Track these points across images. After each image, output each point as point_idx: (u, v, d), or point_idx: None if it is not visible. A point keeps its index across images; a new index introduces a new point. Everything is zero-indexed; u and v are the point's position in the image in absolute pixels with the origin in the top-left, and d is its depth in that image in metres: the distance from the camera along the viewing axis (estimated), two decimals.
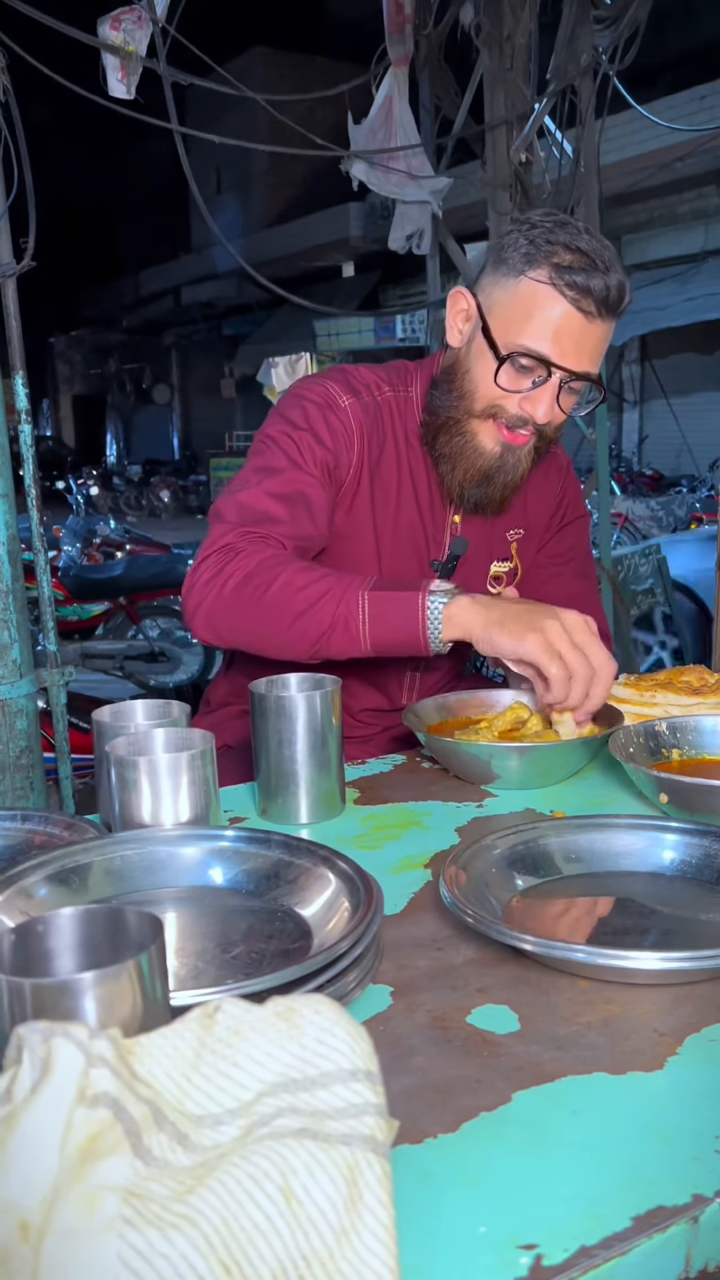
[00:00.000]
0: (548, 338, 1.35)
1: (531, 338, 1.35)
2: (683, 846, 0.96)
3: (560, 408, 1.39)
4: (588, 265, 1.33)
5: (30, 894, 0.85)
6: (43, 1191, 0.45)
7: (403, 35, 3.46)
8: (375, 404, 1.50)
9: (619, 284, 1.35)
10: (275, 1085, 0.53)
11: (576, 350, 1.35)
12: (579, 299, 1.33)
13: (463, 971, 0.81)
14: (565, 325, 1.34)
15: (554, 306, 1.34)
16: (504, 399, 1.39)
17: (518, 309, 1.36)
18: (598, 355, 1.39)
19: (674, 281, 13.37)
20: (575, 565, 1.69)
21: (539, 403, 1.37)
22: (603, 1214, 0.55)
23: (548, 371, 1.36)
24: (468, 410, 1.42)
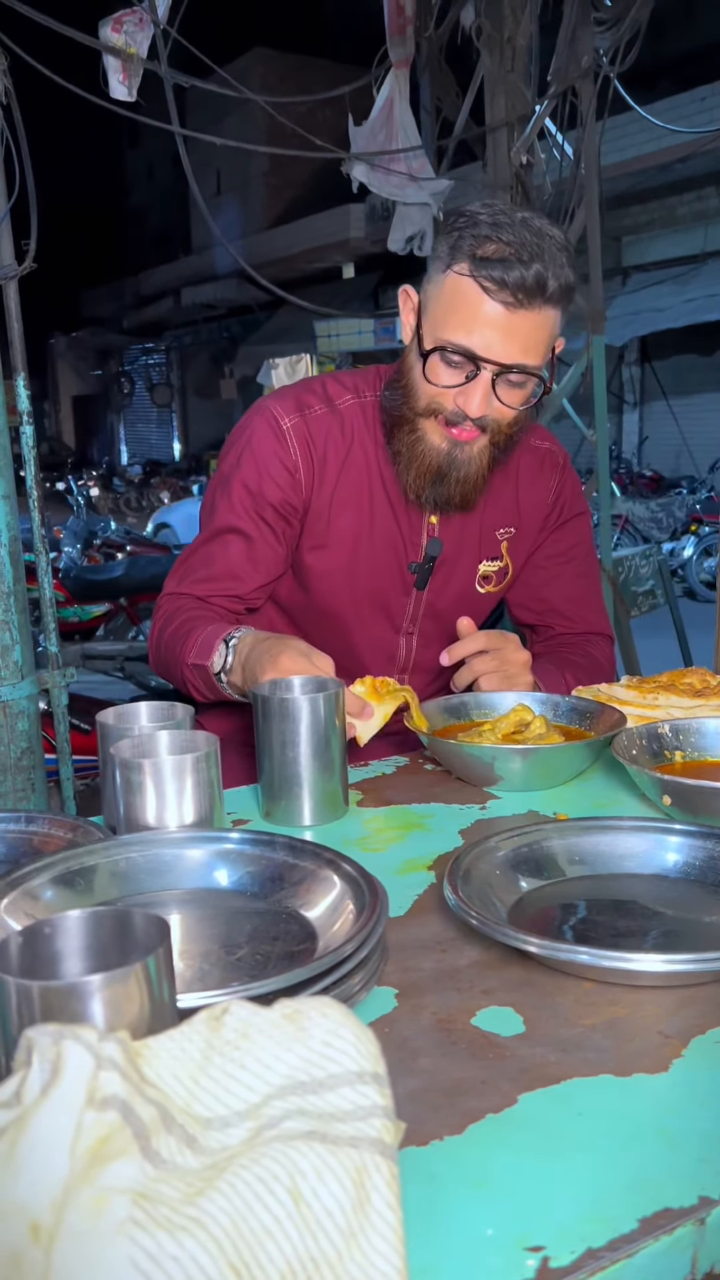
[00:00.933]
0: (471, 331, 1.33)
1: (454, 332, 1.34)
2: (686, 848, 0.96)
3: (502, 402, 1.36)
4: (509, 256, 1.30)
5: (36, 896, 0.85)
6: (53, 1194, 0.45)
7: (404, 37, 3.46)
8: (334, 414, 1.50)
9: (538, 273, 1.30)
10: (283, 1087, 0.53)
11: (504, 343, 1.33)
12: (497, 291, 1.31)
13: (467, 974, 0.82)
14: (488, 318, 1.32)
15: (475, 300, 1.32)
16: (440, 395, 1.38)
17: (443, 303, 1.36)
18: (533, 345, 1.35)
19: (674, 283, 13.38)
20: (576, 564, 1.67)
21: (471, 398, 1.35)
22: (609, 1216, 0.56)
23: (476, 366, 1.34)
24: (413, 408, 1.41)
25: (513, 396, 1.38)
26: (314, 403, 1.50)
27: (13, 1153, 0.47)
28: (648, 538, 9.68)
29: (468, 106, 3.62)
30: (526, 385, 1.39)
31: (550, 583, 1.66)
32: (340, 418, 1.50)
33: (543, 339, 1.36)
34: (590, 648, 1.67)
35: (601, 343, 3.57)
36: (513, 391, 1.37)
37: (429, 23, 3.51)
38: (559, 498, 1.64)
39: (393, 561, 1.52)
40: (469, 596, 1.59)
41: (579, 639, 1.68)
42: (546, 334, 1.36)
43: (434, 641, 1.58)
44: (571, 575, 1.67)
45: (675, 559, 8.74)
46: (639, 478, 12.87)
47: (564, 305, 1.37)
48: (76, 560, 7.12)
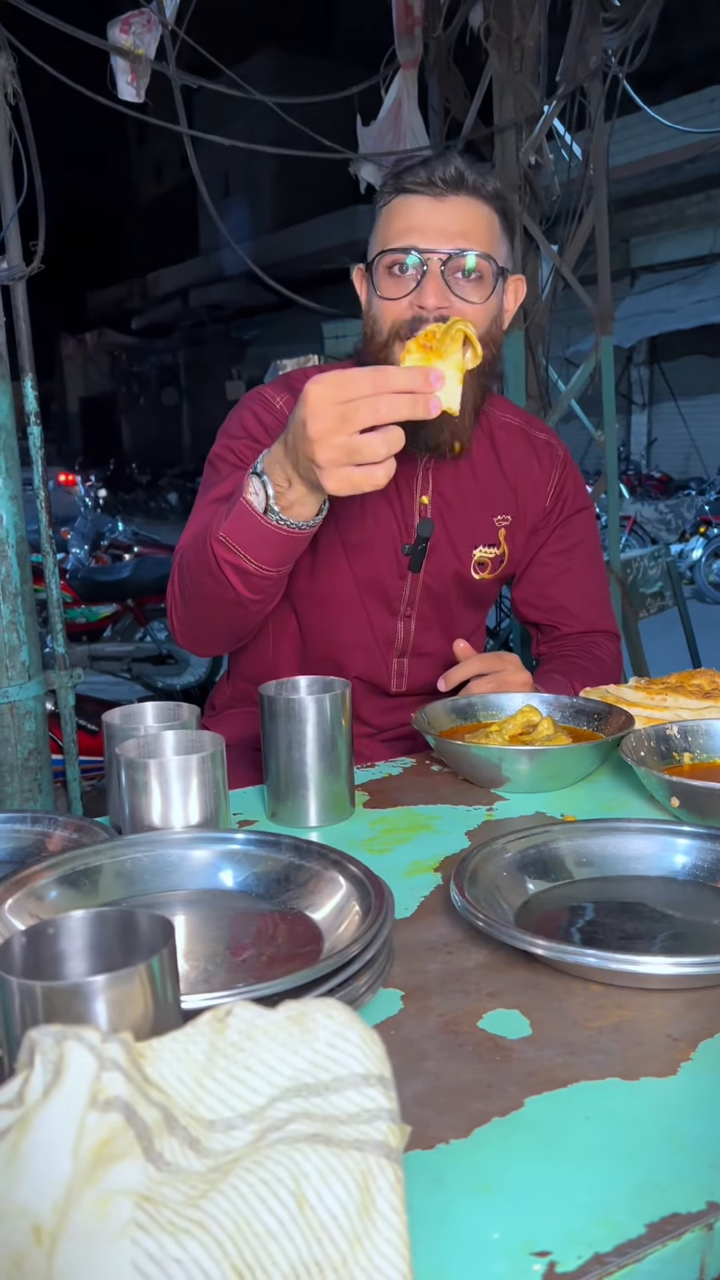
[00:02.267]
0: (405, 231, 1.36)
1: (393, 240, 1.37)
2: (695, 851, 0.96)
3: (461, 297, 1.35)
4: (426, 160, 1.37)
5: (41, 896, 0.85)
6: (56, 1195, 0.45)
7: (412, 37, 3.46)
8: None
9: (456, 167, 1.35)
10: (287, 1090, 0.53)
11: (440, 230, 1.35)
12: (419, 187, 1.36)
13: (474, 976, 0.81)
14: (415, 213, 1.36)
15: (404, 205, 1.37)
16: (398, 308, 1.37)
17: (380, 231, 1.41)
18: (469, 232, 1.36)
19: (683, 284, 13.38)
20: (582, 560, 1.66)
21: (425, 290, 1.34)
22: (617, 1221, 0.55)
23: (422, 263, 1.35)
24: (380, 343, 1.40)
25: (472, 290, 1.37)
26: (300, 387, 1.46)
27: (15, 1154, 0.46)
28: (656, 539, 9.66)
29: (476, 107, 3.61)
30: (483, 278, 1.38)
31: (556, 580, 1.65)
32: None
33: (479, 227, 1.37)
34: (597, 649, 1.66)
35: (610, 344, 3.56)
36: (470, 285, 1.36)
37: (437, 23, 3.50)
38: (561, 491, 1.63)
39: (388, 545, 1.52)
40: (465, 583, 1.58)
41: (585, 639, 1.67)
42: (483, 225, 1.37)
43: (432, 626, 1.58)
44: (577, 572, 1.66)
45: (684, 560, 8.73)
46: (647, 479, 12.85)
47: (497, 210, 1.39)
48: (84, 561, 7.13)
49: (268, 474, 1.16)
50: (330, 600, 1.54)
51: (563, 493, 1.63)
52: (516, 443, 1.60)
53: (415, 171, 1.37)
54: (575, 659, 1.62)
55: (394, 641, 1.59)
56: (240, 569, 1.22)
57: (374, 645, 1.58)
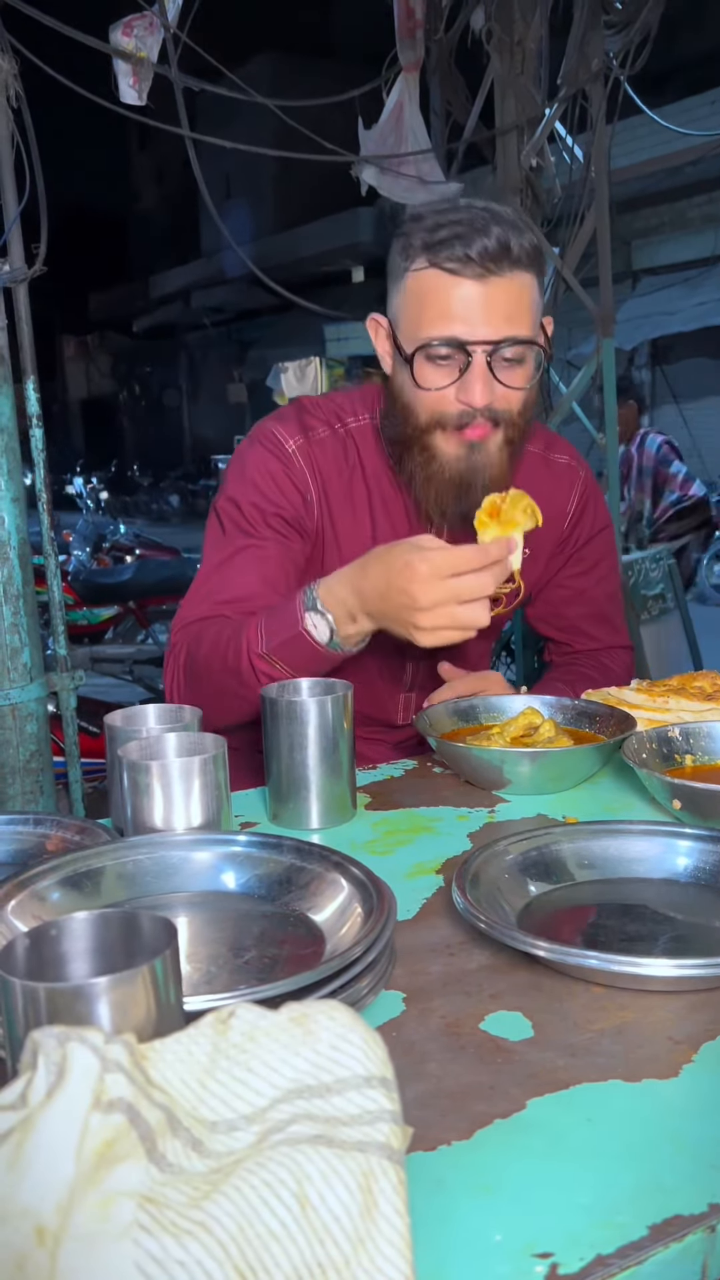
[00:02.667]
0: (447, 318, 1.26)
1: (431, 326, 1.27)
2: (696, 853, 0.96)
3: (504, 384, 1.29)
4: (461, 231, 1.24)
5: (43, 898, 0.85)
6: (59, 1197, 0.45)
7: (413, 40, 3.46)
8: (336, 438, 1.44)
9: (498, 237, 1.24)
10: (290, 1091, 0.53)
11: (486, 317, 1.26)
12: (460, 267, 1.25)
13: (476, 977, 0.81)
14: (460, 298, 1.26)
15: (441, 286, 1.26)
16: (440, 401, 1.30)
17: (412, 306, 1.30)
18: (517, 314, 1.27)
19: (684, 286, 13.37)
20: (598, 582, 1.62)
21: (472, 388, 1.27)
22: (619, 1222, 0.55)
23: (465, 353, 1.27)
24: (416, 427, 1.33)
25: (514, 376, 1.30)
26: (317, 425, 1.44)
27: (18, 1155, 0.46)
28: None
29: (477, 110, 3.62)
30: (525, 361, 1.31)
31: (572, 601, 1.62)
32: (342, 442, 1.45)
33: (524, 306, 1.29)
34: (607, 658, 1.65)
35: (611, 346, 3.56)
36: (512, 370, 1.30)
37: (439, 26, 3.51)
38: (580, 517, 1.57)
39: None
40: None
41: (598, 653, 1.66)
42: (527, 300, 1.29)
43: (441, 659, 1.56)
44: (594, 593, 1.62)
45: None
46: None
47: (536, 271, 1.30)
48: (85, 563, 7.14)
49: (330, 611, 1.23)
50: None
51: (582, 518, 1.58)
52: (536, 473, 1.52)
53: (451, 245, 1.24)
54: (582, 668, 1.61)
55: (402, 679, 1.56)
56: (277, 679, 1.26)
57: (381, 684, 1.55)
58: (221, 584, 1.41)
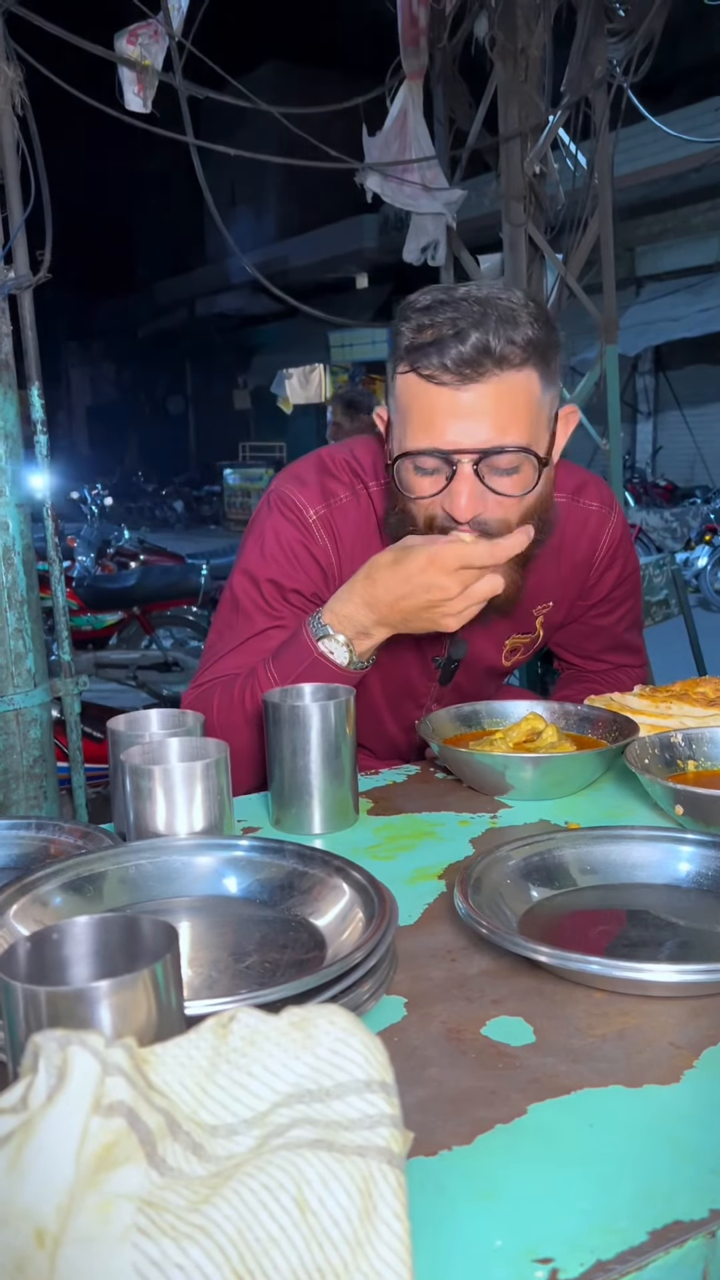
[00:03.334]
0: (430, 428, 1.20)
1: (414, 436, 1.22)
2: (699, 858, 0.96)
3: (499, 493, 1.22)
4: (435, 337, 1.18)
5: (45, 902, 0.85)
6: (59, 1199, 0.45)
7: (417, 48, 3.47)
8: (356, 501, 1.40)
9: (476, 341, 1.16)
10: (290, 1096, 0.53)
11: (469, 427, 1.18)
12: (439, 374, 1.18)
13: (477, 983, 0.81)
14: (441, 408, 1.19)
15: (422, 394, 1.20)
16: (431, 508, 1.25)
17: (399, 412, 1.25)
18: (508, 418, 1.19)
19: (688, 293, 13.39)
20: (621, 618, 1.59)
21: (457, 499, 1.20)
22: (619, 1228, 0.55)
23: (450, 464, 1.20)
24: (416, 532, 1.27)
25: (509, 484, 1.22)
26: (338, 490, 1.40)
27: (19, 1158, 0.46)
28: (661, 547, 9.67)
29: (481, 117, 3.63)
30: (521, 468, 1.22)
31: (594, 636, 1.61)
32: (363, 506, 1.41)
33: (516, 408, 1.20)
34: (620, 672, 1.65)
35: (615, 352, 3.57)
36: (506, 479, 1.22)
37: (442, 34, 3.52)
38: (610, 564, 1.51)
39: (419, 650, 1.45)
40: (495, 670, 1.54)
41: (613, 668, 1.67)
42: (520, 401, 1.20)
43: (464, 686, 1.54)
44: (616, 629, 1.60)
45: (689, 569, 8.72)
46: (653, 487, 12.86)
47: (535, 363, 1.20)
48: (90, 569, 7.15)
49: (341, 632, 1.26)
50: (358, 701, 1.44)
51: (609, 568, 1.52)
52: (566, 522, 1.44)
53: (427, 354, 1.17)
54: (590, 683, 1.61)
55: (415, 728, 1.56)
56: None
57: (396, 735, 1.56)
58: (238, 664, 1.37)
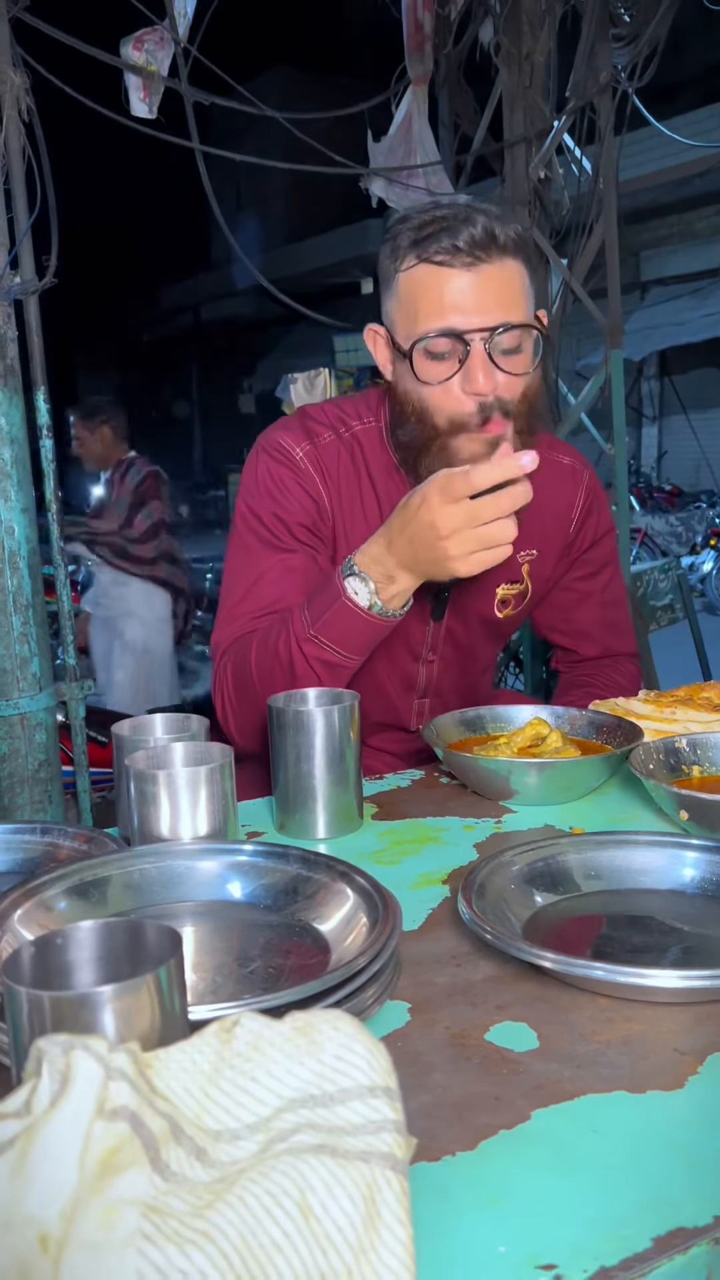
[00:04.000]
0: (441, 310, 1.27)
1: (427, 320, 1.28)
2: (703, 864, 0.95)
3: (507, 371, 1.29)
4: (444, 225, 1.26)
5: (50, 907, 0.85)
6: (62, 1204, 0.45)
7: (422, 54, 3.48)
8: (341, 442, 1.45)
9: (485, 225, 1.25)
10: (294, 1101, 0.53)
11: (478, 305, 1.27)
12: (449, 258, 1.26)
13: (481, 988, 0.81)
14: (451, 289, 1.27)
15: (431, 280, 1.27)
16: (454, 403, 1.29)
17: (406, 305, 1.31)
18: (510, 299, 1.28)
19: (693, 297, 13.39)
20: (605, 585, 1.63)
21: (475, 377, 1.27)
22: (623, 1234, 0.55)
23: (463, 343, 1.27)
24: (436, 430, 1.33)
25: (514, 363, 1.30)
26: (321, 431, 1.45)
27: (23, 1163, 0.46)
28: (666, 552, 9.65)
29: (486, 122, 3.63)
30: (523, 347, 1.31)
31: (579, 605, 1.63)
32: (348, 445, 1.46)
33: (516, 291, 1.29)
34: (616, 673, 1.65)
35: (620, 357, 3.56)
36: (512, 358, 1.30)
37: (447, 40, 3.53)
38: (585, 518, 1.58)
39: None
40: (488, 621, 1.55)
41: (605, 661, 1.66)
42: (518, 286, 1.30)
43: (452, 666, 1.56)
44: (599, 597, 1.63)
45: (695, 573, 8.71)
46: (658, 492, 12.85)
47: (525, 259, 1.31)
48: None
49: (366, 572, 1.25)
50: None
51: (587, 519, 1.58)
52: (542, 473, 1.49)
53: (438, 239, 1.26)
54: (594, 689, 1.61)
55: (415, 685, 1.56)
56: (329, 663, 1.29)
57: (394, 690, 1.56)
58: (256, 601, 1.41)
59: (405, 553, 1.21)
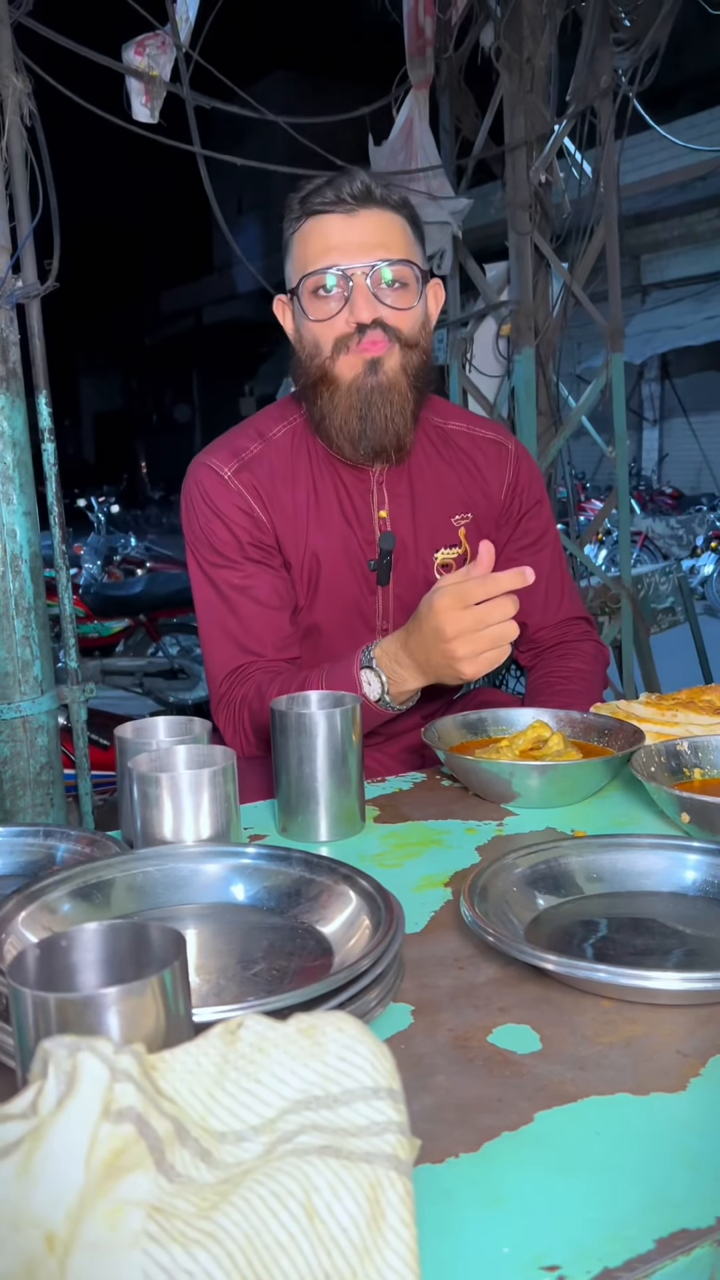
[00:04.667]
0: (324, 251, 1.40)
1: (314, 261, 1.41)
2: (705, 866, 0.96)
3: (390, 305, 1.40)
4: (328, 182, 1.41)
5: (54, 909, 0.85)
6: (69, 1205, 0.45)
7: (423, 58, 3.48)
8: (268, 447, 1.54)
9: (364, 181, 1.39)
10: (298, 1102, 0.53)
11: (358, 245, 1.39)
12: (328, 206, 1.40)
13: (484, 991, 0.81)
14: (330, 233, 1.40)
15: (317, 227, 1.41)
16: (335, 326, 1.41)
17: (298, 258, 1.44)
18: (387, 242, 1.40)
19: (694, 300, 13.40)
20: (547, 551, 1.70)
21: (357, 306, 1.39)
22: (626, 1236, 0.55)
23: (347, 280, 1.39)
24: (321, 365, 1.44)
25: (400, 297, 1.42)
26: (246, 445, 1.55)
27: (29, 1164, 0.47)
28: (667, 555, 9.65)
29: (487, 126, 3.64)
30: (408, 285, 1.42)
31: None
32: (275, 449, 1.54)
33: (395, 235, 1.41)
34: (576, 658, 1.68)
35: (620, 360, 3.57)
36: (396, 293, 1.41)
37: (448, 44, 3.53)
38: (515, 485, 1.65)
39: (355, 564, 1.55)
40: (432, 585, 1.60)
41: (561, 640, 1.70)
42: (397, 232, 1.42)
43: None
44: (545, 563, 1.69)
45: (695, 576, 8.71)
46: (659, 494, 12.85)
47: (407, 217, 1.43)
48: (97, 576, 7.17)
49: (383, 669, 1.34)
50: (315, 630, 1.58)
51: (517, 486, 1.65)
52: (462, 443, 1.63)
53: (322, 192, 1.40)
54: (567, 683, 1.62)
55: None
56: None
57: None
58: (239, 627, 1.51)
59: (420, 656, 1.29)
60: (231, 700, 1.50)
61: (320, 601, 1.56)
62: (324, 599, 1.56)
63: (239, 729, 1.49)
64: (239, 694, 1.49)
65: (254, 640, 1.50)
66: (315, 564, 1.54)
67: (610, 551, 8.33)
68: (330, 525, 1.53)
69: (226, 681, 1.51)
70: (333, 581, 1.55)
